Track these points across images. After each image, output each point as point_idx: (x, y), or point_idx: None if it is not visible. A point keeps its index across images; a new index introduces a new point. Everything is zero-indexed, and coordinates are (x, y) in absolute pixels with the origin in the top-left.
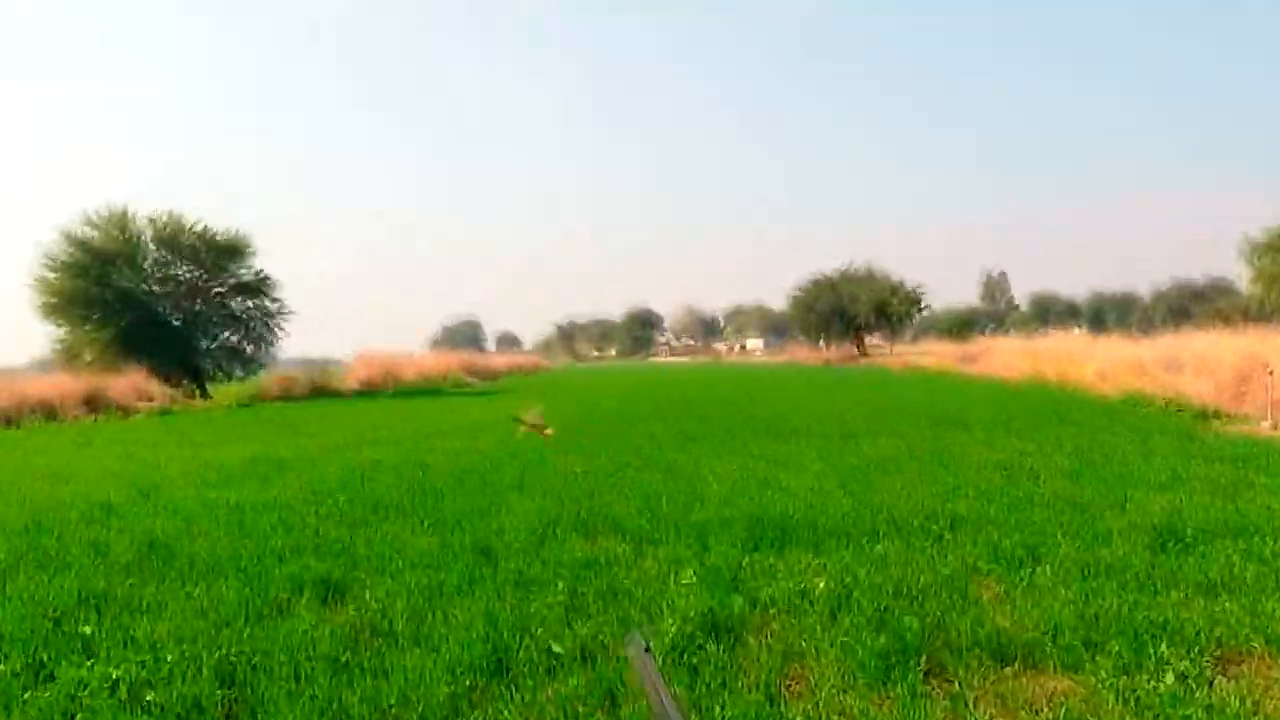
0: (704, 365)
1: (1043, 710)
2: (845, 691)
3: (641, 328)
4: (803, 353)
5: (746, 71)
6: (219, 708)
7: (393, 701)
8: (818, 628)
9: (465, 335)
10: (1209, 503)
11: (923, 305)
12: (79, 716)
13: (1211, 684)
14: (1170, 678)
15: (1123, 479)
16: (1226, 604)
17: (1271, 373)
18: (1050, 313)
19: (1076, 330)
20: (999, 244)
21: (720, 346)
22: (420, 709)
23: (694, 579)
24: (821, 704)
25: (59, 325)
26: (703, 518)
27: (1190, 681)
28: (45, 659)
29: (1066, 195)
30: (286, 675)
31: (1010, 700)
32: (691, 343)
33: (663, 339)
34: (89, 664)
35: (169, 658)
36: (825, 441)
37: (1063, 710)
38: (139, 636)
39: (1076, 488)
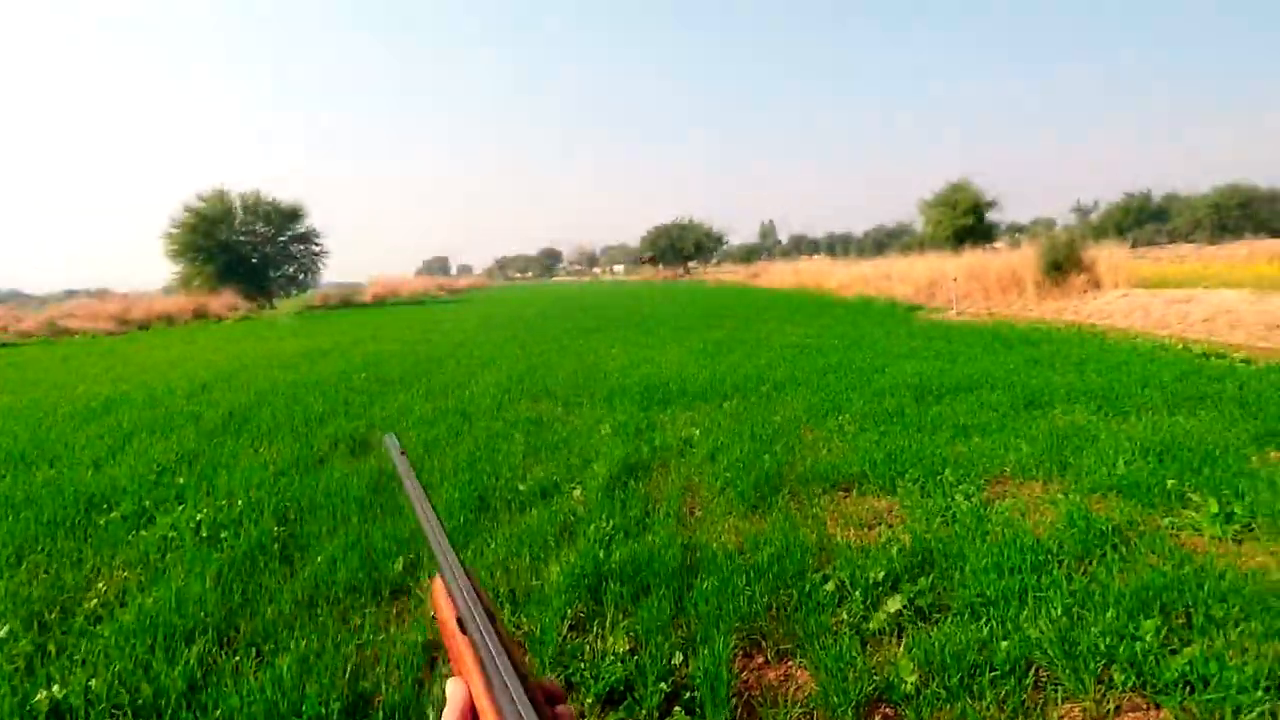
0: (589, 283)
1: (875, 525)
2: (732, 514)
3: (548, 259)
4: (648, 274)
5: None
6: (276, 544)
7: (406, 536)
8: (704, 466)
9: (438, 265)
10: (940, 366)
11: (724, 242)
12: (170, 555)
13: (990, 505)
14: (960, 497)
15: (877, 352)
16: (978, 441)
17: (955, 279)
18: (802, 246)
19: (817, 256)
20: (772, 200)
21: (597, 270)
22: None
23: (610, 431)
24: (718, 524)
25: (179, 262)
26: (607, 386)
27: (974, 499)
28: (148, 505)
29: (807, 164)
30: (326, 515)
31: (850, 516)
32: (579, 268)
33: (561, 266)
34: (179, 509)
35: (239, 503)
36: (676, 332)
37: (886, 520)
38: (218, 486)
39: (850, 359)
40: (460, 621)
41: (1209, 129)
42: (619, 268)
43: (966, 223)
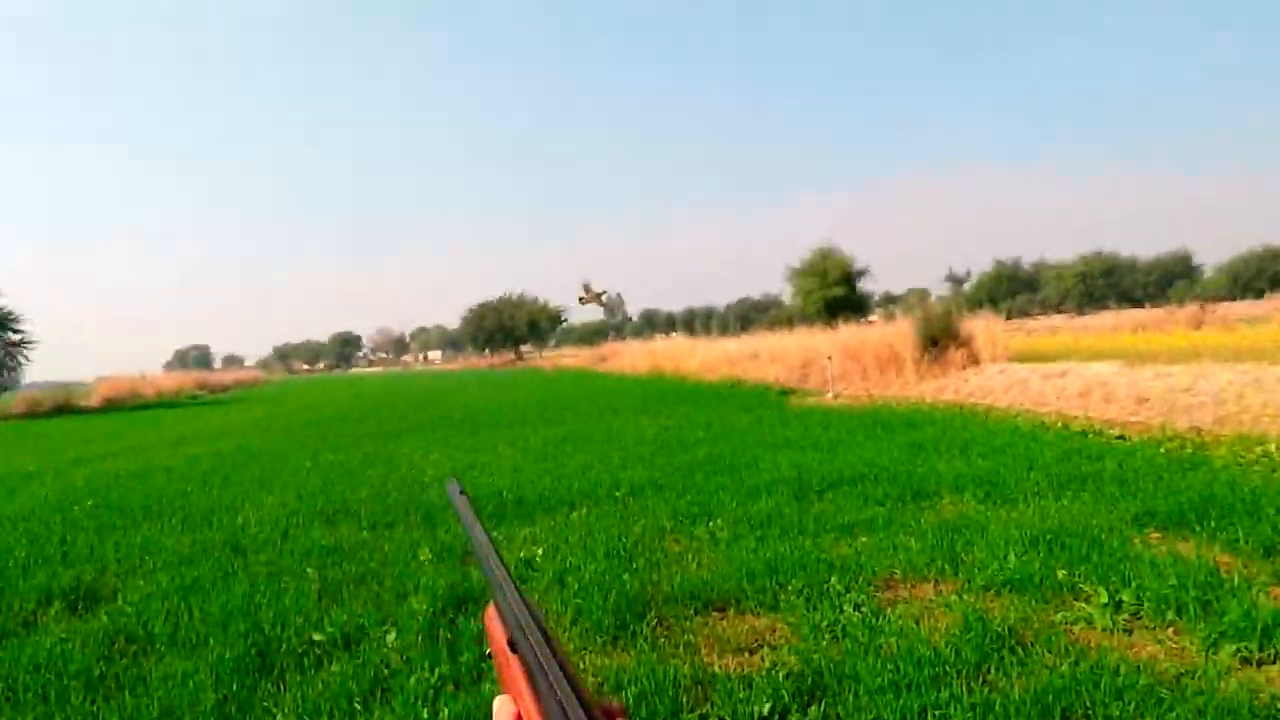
0: (396, 373)
1: (757, 648)
2: (588, 648)
3: (345, 345)
4: (473, 360)
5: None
6: None
7: (156, 716)
8: (550, 592)
9: (197, 358)
10: (820, 458)
11: (563, 320)
12: None
13: (882, 614)
14: (849, 608)
15: (749, 444)
16: (865, 540)
17: (830, 358)
18: (655, 323)
19: (674, 335)
20: (618, 272)
21: (408, 358)
22: None
23: (432, 556)
24: (571, 662)
25: None
26: (426, 501)
27: (865, 609)
28: None
29: (662, 231)
30: (34, 699)
31: (728, 640)
32: (385, 355)
33: (362, 354)
34: None
35: None
36: (509, 430)
37: (769, 642)
38: None
39: (718, 453)
40: (511, 643)
41: (1073, 196)
42: (434, 354)
43: (838, 293)
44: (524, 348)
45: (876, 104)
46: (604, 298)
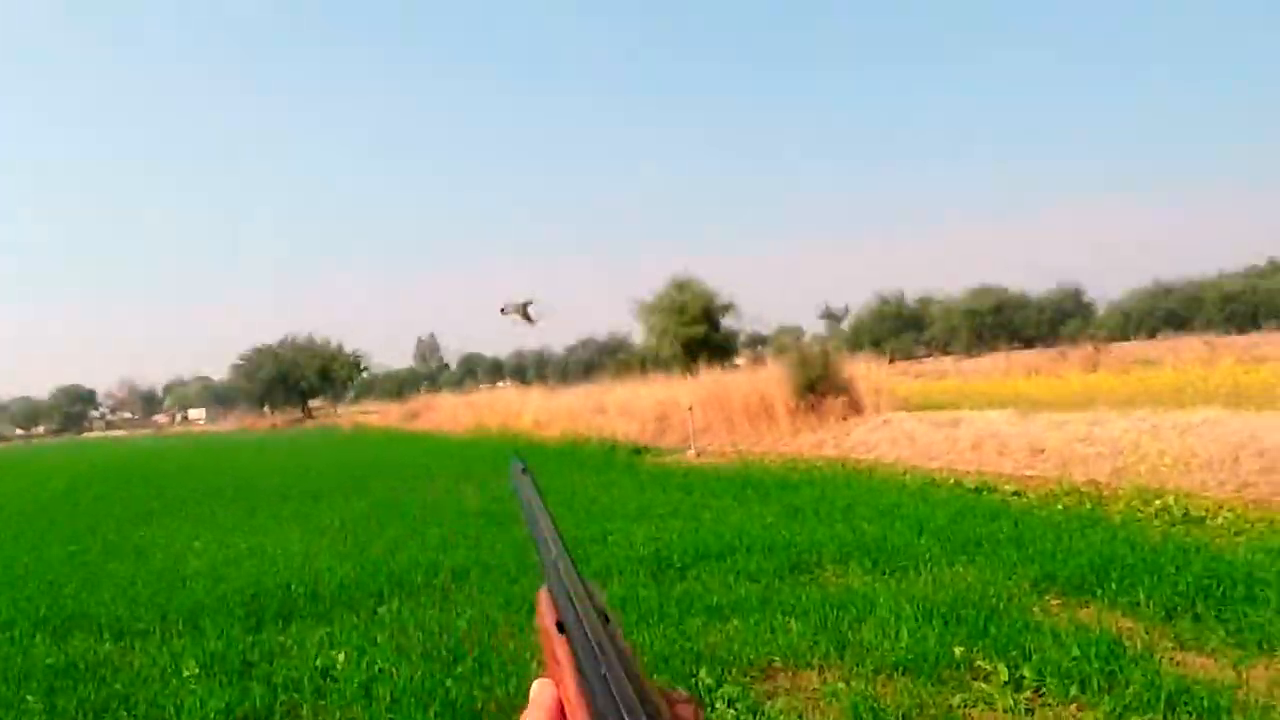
0: (147, 438)
1: None
2: None
3: (74, 404)
4: (249, 420)
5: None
6: None
7: None
8: (355, 708)
9: None
10: (682, 528)
11: (363, 368)
12: None
13: (760, 710)
14: (722, 705)
15: (596, 514)
16: (738, 624)
17: (691, 410)
18: (478, 370)
19: (501, 384)
20: (429, 310)
21: (161, 418)
22: None
23: (199, 670)
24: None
25: None
26: (191, 599)
27: (740, 705)
28: None
29: (485, 262)
30: None
31: None
32: (131, 416)
33: (99, 414)
34: None
35: None
36: (298, 505)
37: None
38: None
39: (559, 526)
40: (560, 622)
41: (953, 228)
42: (196, 413)
43: (698, 333)
44: (314, 403)
45: (749, 131)
46: (530, 309)
